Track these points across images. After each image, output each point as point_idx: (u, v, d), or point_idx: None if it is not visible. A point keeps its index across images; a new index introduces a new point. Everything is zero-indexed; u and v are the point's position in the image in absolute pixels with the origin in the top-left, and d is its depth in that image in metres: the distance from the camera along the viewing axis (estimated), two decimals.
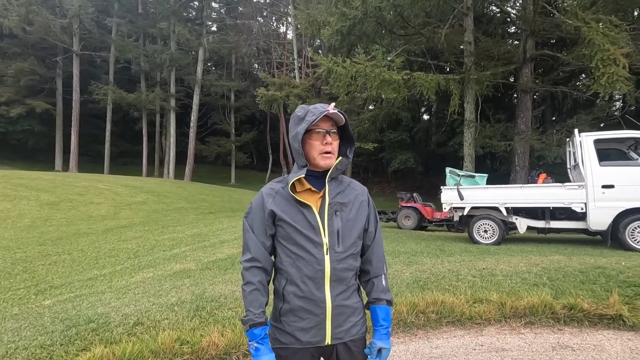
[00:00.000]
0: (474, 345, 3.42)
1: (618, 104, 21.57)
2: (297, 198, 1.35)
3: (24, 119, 27.93)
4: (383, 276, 1.48)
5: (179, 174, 28.92)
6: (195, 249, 6.68)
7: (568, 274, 4.66)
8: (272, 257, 1.45)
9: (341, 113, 1.34)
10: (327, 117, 1.34)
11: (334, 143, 1.36)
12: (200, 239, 7.59)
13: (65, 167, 28.16)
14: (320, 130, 1.35)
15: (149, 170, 30.38)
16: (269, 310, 1.44)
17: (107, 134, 29.70)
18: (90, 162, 30.71)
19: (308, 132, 1.36)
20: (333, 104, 1.36)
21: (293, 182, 1.38)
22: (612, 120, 16.48)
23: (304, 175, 1.36)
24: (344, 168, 1.43)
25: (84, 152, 30.12)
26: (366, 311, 1.48)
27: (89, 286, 4.47)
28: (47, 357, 2.58)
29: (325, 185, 1.37)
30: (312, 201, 1.36)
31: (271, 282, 1.46)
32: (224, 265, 5.29)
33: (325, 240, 1.33)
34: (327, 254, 1.33)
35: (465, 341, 3.48)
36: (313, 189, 1.37)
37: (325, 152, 1.34)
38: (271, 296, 1.42)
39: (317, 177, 1.39)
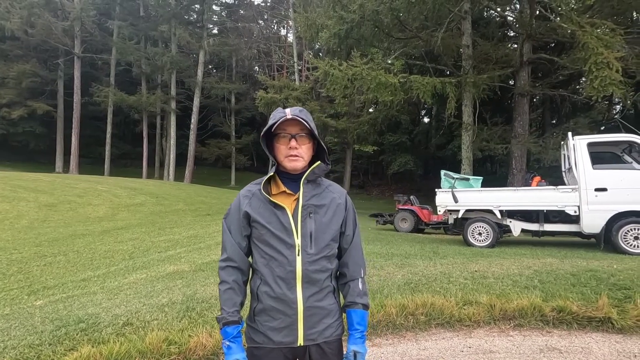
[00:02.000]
0: (462, 347, 3.43)
1: (618, 107, 21.56)
2: (271, 199, 1.37)
3: (25, 120, 28.06)
4: (360, 280, 1.48)
5: (179, 176, 28.99)
6: (191, 250, 6.70)
7: (559, 277, 4.66)
8: (250, 258, 1.47)
9: (303, 119, 1.33)
10: (295, 121, 1.35)
11: (301, 147, 1.37)
12: (196, 241, 7.61)
13: (66, 168, 28.27)
14: (285, 134, 1.37)
15: (149, 172, 30.45)
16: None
17: (108, 136, 29.82)
18: (90, 164, 30.79)
19: (276, 135, 1.39)
20: (289, 109, 1.36)
21: (269, 185, 1.41)
22: (611, 123, 16.48)
23: (272, 174, 1.40)
24: (322, 173, 1.44)
25: (84, 154, 30.23)
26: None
27: (81, 287, 4.50)
28: (35, 356, 2.60)
29: (300, 188, 1.39)
30: (287, 203, 1.37)
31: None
32: (217, 267, 5.30)
33: (298, 242, 1.35)
34: (299, 255, 1.34)
35: (453, 343, 3.49)
36: (288, 191, 1.39)
37: (290, 155, 1.36)
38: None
39: (293, 180, 1.40)
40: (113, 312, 3.47)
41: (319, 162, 1.42)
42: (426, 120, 31.80)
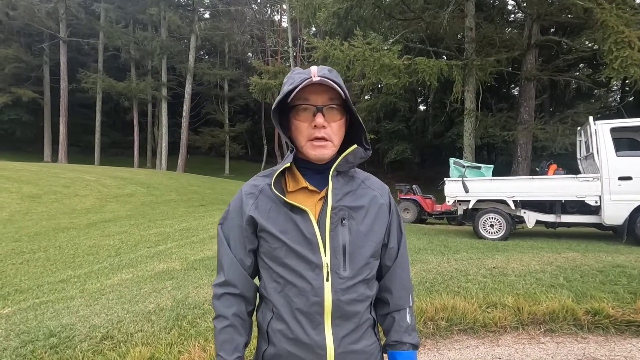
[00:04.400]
0: (490, 357, 3.05)
1: (616, 96, 21.41)
2: (286, 200, 0.93)
3: (10, 108, 27.07)
4: (408, 310, 1.06)
5: (171, 165, 28.32)
6: (182, 245, 6.25)
7: (586, 274, 4.31)
8: (258, 280, 1.04)
9: (334, 81, 0.89)
10: (323, 87, 0.90)
11: (331, 125, 0.93)
12: (188, 234, 7.16)
13: (55, 158, 27.43)
14: (307, 106, 0.92)
15: (141, 161, 29.73)
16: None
17: (97, 124, 28.91)
18: (80, 153, 29.96)
19: (294, 108, 0.94)
20: (316, 68, 0.92)
21: (281, 178, 0.98)
22: (611, 110, 16.23)
23: (289, 164, 0.96)
24: (359, 161, 0.99)
25: (73, 143, 29.33)
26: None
27: (58, 290, 4.02)
28: None
29: (328, 183, 0.95)
30: (310, 204, 0.95)
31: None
32: (211, 264, 4.86)
33: (326, 260, 0.92)
34: (327, 280, 0.92)
35: (480, 352, 3.11)
36: (311, 187, 0.96)
37: (315, 138, 0.92)
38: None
39: (317, 172, 0.97)
40: (91, 322, 3.02)
41: (355, 145, 0.97)
42: (422, 107, 31.29)
